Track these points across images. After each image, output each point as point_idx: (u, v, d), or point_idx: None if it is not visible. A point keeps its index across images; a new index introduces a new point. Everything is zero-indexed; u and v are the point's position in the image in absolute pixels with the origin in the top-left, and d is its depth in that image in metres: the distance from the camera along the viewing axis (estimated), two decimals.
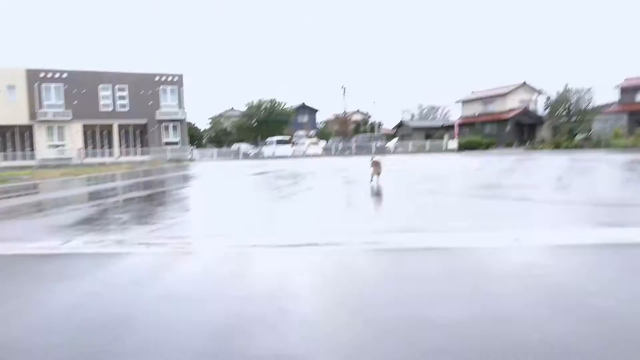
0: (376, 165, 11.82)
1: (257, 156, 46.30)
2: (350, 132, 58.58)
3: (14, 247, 5.16)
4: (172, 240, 5.20)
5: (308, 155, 43.47)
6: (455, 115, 63.96)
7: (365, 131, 61.71)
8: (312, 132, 62.67)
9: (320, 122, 73.43)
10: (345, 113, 63.73)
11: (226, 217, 7.55)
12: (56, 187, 15.38)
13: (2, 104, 38.60)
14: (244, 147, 50.33)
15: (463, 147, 43.51)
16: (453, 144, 45.97)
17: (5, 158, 37.97)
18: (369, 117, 70.68)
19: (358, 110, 72.77)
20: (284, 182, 13.28)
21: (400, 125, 66.02)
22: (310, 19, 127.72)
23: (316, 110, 74.11)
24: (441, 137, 50.58)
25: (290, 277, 3.79)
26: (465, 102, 58.98)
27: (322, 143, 49.91)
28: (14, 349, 2.51)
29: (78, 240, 5.37)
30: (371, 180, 11.49)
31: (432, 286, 3.35)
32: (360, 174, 15.49)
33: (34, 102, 39.57)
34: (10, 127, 39.63)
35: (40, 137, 40.17)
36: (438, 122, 64.33)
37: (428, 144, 48.56)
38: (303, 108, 71.69)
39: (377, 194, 10.16)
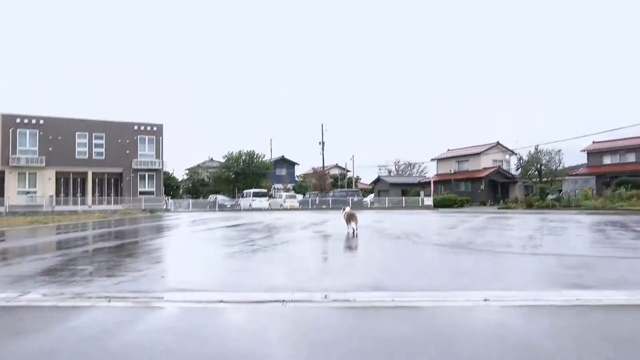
0: (350, 216, 12.15)
1: (234, 208, 46.02)
2: (328, 187, 59.07)
3: None
4: (136, 294, 5.04)
5: (285, 209, 43.40)
6: (431, 172, 65.23)
7: (342, 186, 62.29)
8: (290, 185, 62.90)
9: (299, 176, 73.88)
10: (323, 167, 64.44)
11: (195, 271, 7.39)
12: (22, 236, 14.92)
13: None
14: (220, 198, 50.16)
15: (438, 204, 44.10)
16: (429, 200, 46.59)
17: None
18: (347, 171, 71.55)
19: (336, 165, 73.72)
20: (258, 235, 13.15)
21: (377, 180, 66.87)
22: (292, 70, 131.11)
23: (295, 164, 74.67)
24: (417, 194, 51.33)
25: (256, 334, 3.70)
26: (440, 159, 60.33)
27: (300, 197, 50.03)
28: None
29: (37, 293, 5.16)
30: (349, 231, 11.70)
31: (400, 346, 3.30)
32: (335, 227, 15.46)
33: (7, 147, 39.00)
34: None
35: (11, 183, 39.33)
36: (414, 179, 65.40)
37: (404, 200, 49.14)
38: (282, 161, 72.24)
39: (350, 249, 10.13)
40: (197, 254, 9.86)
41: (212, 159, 72.08)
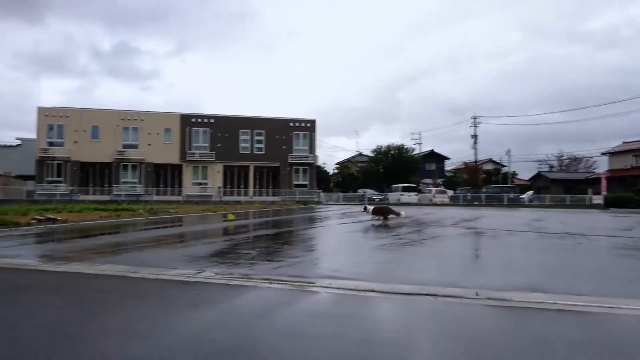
0: (380, 211, 12.48)
1: (382, 202, 46.34)
2: (481, 182, 56.18)
3: (157, 272, 5.73)
4: (294, 278, 5.38)
5: (434, 204, 42.47)
6: (601, 167, 58.36)
7: (497, 182, 58.75)
8: (439, 180, 61.28)
9: (449, 171, 71.56)
10: (475, 162, 61.53)
11: (346, 260, 7.62)
12: (197, 222, 16.83)
13: (159, 145, 43.83)
14: (369, 192, 50.84)
15: (611, 203, 39.23)
16: (598, 199, 41.81)
17: (158, 193, 42.69)
18: (502, 166, 67.29)
19: (490, 159, 69.73)
20: (407, 229, 13.09)
21: (537, 176, 61.99)
22: (442, 62, 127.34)
23: (445, 158, 72.49)
24: (584, 191, 46.36)
25: (406, 325, 3.71)
26: (613, 153, 53.58)
27: (450, 192, 48.47)
28: None
29: (210, 271, 5.81)
30: (378, 222, 13.22)
31: (566, 352, 3.03)
32: (488, 225, 14.72)
33: (184, 144, 44.32)
34: (164, 166, 44.66)
35: (187, 175, 44.65)
36: (580, 175, 59.18)
37: (568, 197, 44.70)
38: (431, 155, 70.68)
39: (504, 247, 9.55)
40: (347, 244, 10.15)
41: (361, 153, 73.37)
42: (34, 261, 6.88)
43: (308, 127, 47.49)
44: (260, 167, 46.70)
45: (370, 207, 14.44)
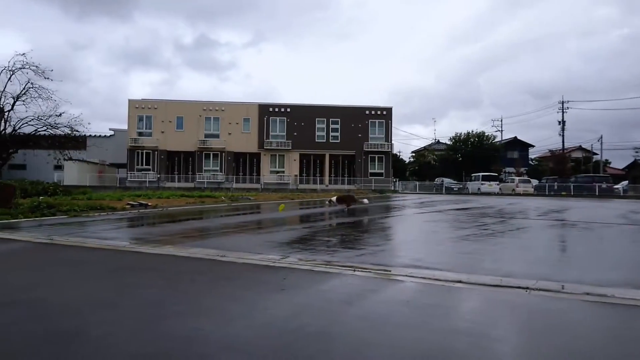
0: (344, 199, 14.70)
1: (461, 191, 45.04)
2: (568, 171, 52.90)
3: (243, 256, 5.94)
4: (377, 267, 5.36)
5: (517, 194, 40.61)
6: None
7: (587, 171, 55.04)
8: (523, 169, 58.41)
9: (533, 159, 67.97)
10: (562, 149, 58.05)
11: (428, 250, 7.48)
12: (276, 209, 17.25)
13: (238, 134, 45.33)
14: (447, 181, 49.61)
15: None
16: None
17: (238, 181, 44.28)
18: (593, 154, 62.93)
19: (579, 147, 65.40)
20: (490, 219, 12.61)
21: (633, 165, 57.35)
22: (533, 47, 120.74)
23: (529, 146, 68.83)
24: None
25: (495, 318, 3.58)
26: None
27: (534, 181, 46.04)
28: (235, 347, 2.87)
29: (294, 257, 5.93)
30: (329, 204, 14.31)
31: None
32: (579, 216, 13.85)
33: (262, 133, 45.49)
34: (243, 155, 46.16)
35: (265, 164, 45.86)
36: None
37: None
38: (514, 143, 67.48)
39: (598, 240, 8.93)
40: (429, 234, 9.96)
41: (438, 141, 71.57)
42: (130, 243, 7.37)
43: (384, 115, 47.00)
44: (336, 155, 46.92)
45: (334, 198, 15.95)
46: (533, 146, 69.20)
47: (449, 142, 63.32)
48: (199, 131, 45.36)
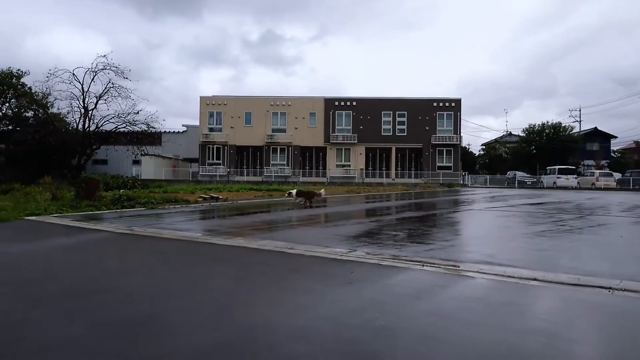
0: (303, 194, 15.22)
1: (535, 185, 43.06)
2: None
3: (311, 249, 6.02)
4: (445, 262, 5.25)
5: (598, 188, 38.21)
6: None
7: None
8: (604, 162, 54.79)
9: (615, 151, 63.51)
10: None
11: (501, 246, 7.22)
12: (343, 203, 17.31)
13: (305, 128, 45.84)
14: (519, 174, 47.58)
15: None
16: None
17: (304, 175, 44.85)
18: None
19: None
20: (568, 215, 11.96)
21: None
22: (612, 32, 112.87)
23: (611, 137, 64.32)
24: None
25: (573, 319, 3.41)
26: None
27: (617, 175, 43.04)
28: (302, 338, 2.91)
29: (361, 251, 5.93)
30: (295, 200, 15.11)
31: None
32: None
33: (328, 127, 45.71)
34: (309, 149, 46.62)
35: (331, 157, 46.07)
36: None
37: None
38: (594, 134, 63.33)
39: None
40: (500, 229, 9.61)
41: (510, 133, 68.66)
42: (203, 235, 7.68)
43: (452, 107, 45.70)
44: (402, 148, 46.27)
45: (294, 191, 16.38)
46: (615, 137, 64.63)
47: (521, 134, 60.45)
48: (266, 126, 46.31)
